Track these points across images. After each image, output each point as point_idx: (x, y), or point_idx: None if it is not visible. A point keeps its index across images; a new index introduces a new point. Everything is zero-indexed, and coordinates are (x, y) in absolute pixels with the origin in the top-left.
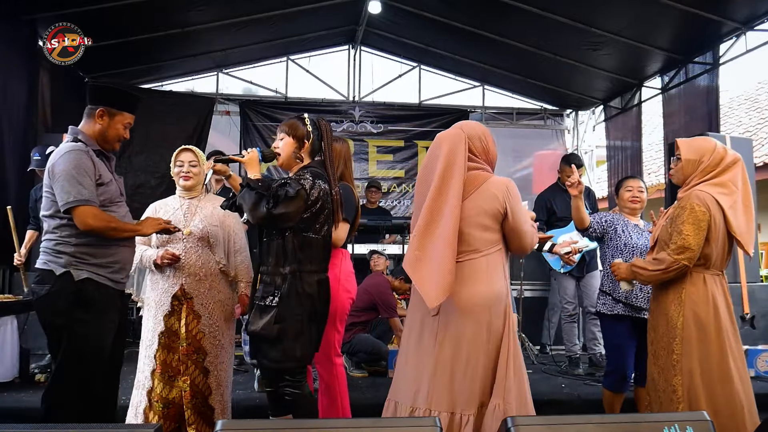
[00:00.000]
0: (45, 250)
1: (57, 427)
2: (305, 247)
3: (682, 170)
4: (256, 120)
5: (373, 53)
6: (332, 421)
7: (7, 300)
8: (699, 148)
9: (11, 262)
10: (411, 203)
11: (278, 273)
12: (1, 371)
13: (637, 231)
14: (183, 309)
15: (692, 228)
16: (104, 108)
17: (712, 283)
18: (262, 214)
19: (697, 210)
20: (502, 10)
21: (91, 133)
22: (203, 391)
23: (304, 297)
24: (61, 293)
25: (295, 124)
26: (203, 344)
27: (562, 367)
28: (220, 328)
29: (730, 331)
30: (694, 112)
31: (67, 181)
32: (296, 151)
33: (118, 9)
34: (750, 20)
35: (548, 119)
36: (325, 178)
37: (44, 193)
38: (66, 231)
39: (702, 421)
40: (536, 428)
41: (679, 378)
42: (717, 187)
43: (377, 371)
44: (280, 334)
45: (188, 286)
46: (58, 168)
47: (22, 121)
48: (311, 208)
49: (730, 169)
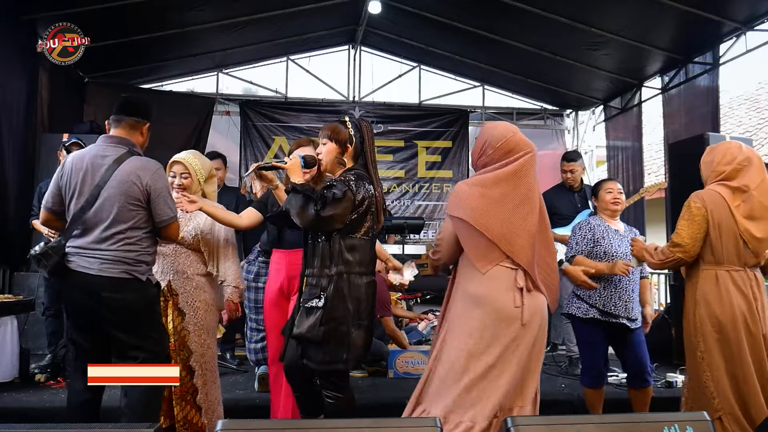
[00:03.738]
0: (123, 260)
1: (57, 427)
2: (352, 249)
3: (702, 173)
4: (256, 120)
5: (373, 53)
6: (332, 422)
7: (7, 300)
8: (714, 150)
9: (11, 262)
10: (411, 203)
11: (324, 275)
12: (1, 371)
13: (617, 237)
14: (169, 305)
15: (686, 223)
16: (150, 123)
17: (726, 279)
18: (311, 217)
19: (692, 207)
20: (502, 10)
21: (138, 145)
22: (189, 389)
23: (350, 299)
24: (147, 297)
25: (337, 128)
26: (188, 343)
27: (562, 367)
28: (204, 328)
29: (751, 325)
30: (694, 112)
31: (169, 198)
32: (339, 156)
33: (117, 9)
34: (750, 20)
35: (548, 119)
36: (370, 180)
37: (128, 206)
38: (146, 242)
39: (702, 421)
40: (536, 428)
41: (708, 374)
42: (727, 188)
43: (377, 371)
44: (325, 337)
45: (174, 283)
46: (159, 184)
47: (21, 121)
48: (358, 209)
49: (743, 168)
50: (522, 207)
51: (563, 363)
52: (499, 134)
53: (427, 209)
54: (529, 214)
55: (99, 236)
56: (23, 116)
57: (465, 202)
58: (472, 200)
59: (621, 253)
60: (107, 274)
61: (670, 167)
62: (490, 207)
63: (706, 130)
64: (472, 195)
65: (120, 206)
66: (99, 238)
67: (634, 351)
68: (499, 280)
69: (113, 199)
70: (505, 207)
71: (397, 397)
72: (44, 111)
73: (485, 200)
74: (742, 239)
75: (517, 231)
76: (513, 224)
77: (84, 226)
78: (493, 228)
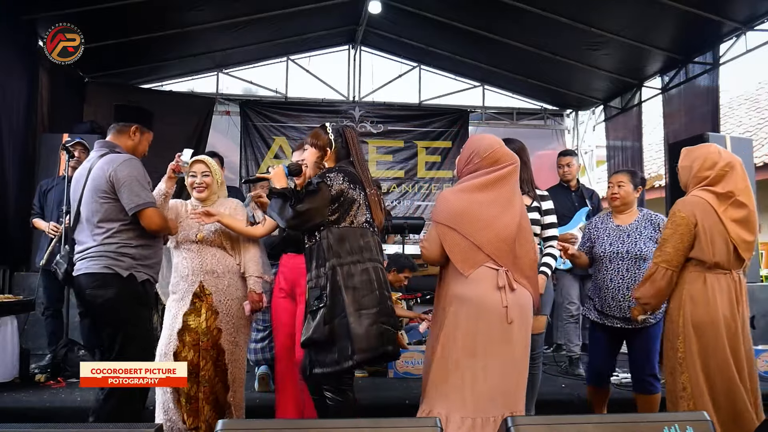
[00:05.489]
0: (105, 254)
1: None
2: (341, 239)
3: (681, 178)
4: (256, 120)
5: (373, 53)
6: (332, 422)
7: (7, 300)
8: (692, 154)
9: (11, 262)
10: (411, 203)
11: (321, 275)
12: (1, 371)
13: (615, 234)
14: (203, 305)
15: (669, 233)
16: (138, 126)
17: (714, 282)
18: (290, 214)
19: (677, 215)
20: (502, 10)
21: (125, 147)
22: (218, 388)
23: (346, 290)
24: (127, 295)
25: (316, 133)
26: (220, 341)
27: (562, 367)
28: (236, 326)
29: (732, 329)
30: (694, 112)
31: (135, 185)
32: (318, 161)
33: (117, 9)
34: (750, 20)
35: (548, 119)
36: (352, 174)
37: (99, 199)
38: (126, 235)
39: (702, 421)
40: (536, 428)
41: (686, 376)
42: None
43: (377, 371)
44: (330, 336)
45: (207, 283)
46: (122, 173)
47: (21, 121)
48: (337, 200)
49: (727, 174)
50: (506, 212)
51: (563, 363)
52: (487, 144)
53: (427, 209)
54: (511, 219)
55: (87, 236)
56: (23, 116)
57: (450, 208)
58: (456, 206)
59: (611, 252)
60: (90, 271)
61: (671, 167)
62: (474, 212)
63: (706, 130)
64: (457, 201)
65: (93, 202)
66: (84, 239)
67: (634, 354)
68: (484, 281)
69: (88, 198)
70: (490, 211)
71: (397, 397)
72: (44, 111)
73: (470, 205)
74: (732, 243)
75: (500, 235)
76: (496, 228)
77: (79, 231)
78: (478, 232)
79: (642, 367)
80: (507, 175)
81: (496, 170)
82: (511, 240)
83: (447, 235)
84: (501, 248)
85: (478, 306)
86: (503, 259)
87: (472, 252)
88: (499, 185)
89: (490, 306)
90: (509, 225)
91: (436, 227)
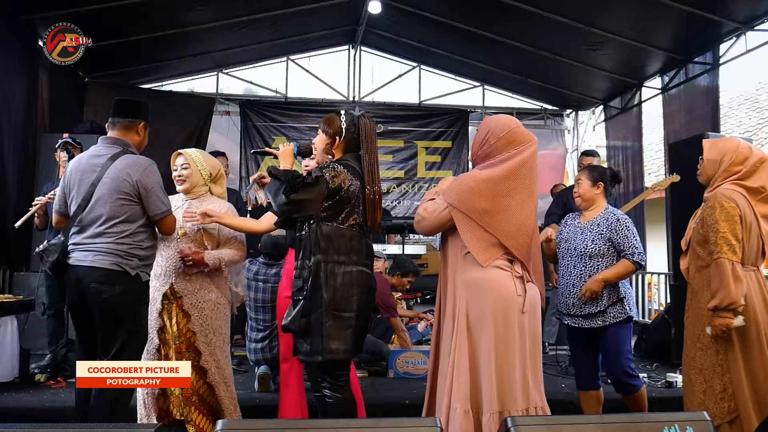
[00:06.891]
0: (115, 251)
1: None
2: (329, 237)
3: (705, 171)
4: (256, 120)
5: (373, 53)
6: (333, 422)
7: (7, 300)
8: (721, 147)
9: (11, 262)
10: (411, 203)
11: (305, 266)
12: (1, 371)
13: (573, 232)
14: (173, 308)
15: (727, 225)
16: (145, 122)
17: (747, 279)
18: (282, 201)
19: (726, 206)
20: (502, 10)
21: (133, 143)
22: (203, 389)
23: (326, 288)
24: (133, 293)
25: (330, 118)
26: (195, 344)
27: (562, 367)
28: (211, 327)
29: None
30: (694, 112)
31: (160, 192)
32: (328, 147)
33: (117, 9)
34: (750, 20)
35: (548, 119)
36: (356, 171)
37: (119, 200)
38: (139, 237)
39: (702, 421)
40: (536, 428)
41: (728, 377)
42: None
43: (377, 371)
44: (305, 327)
45: (177, 286)
46: (148, 180)
47: (22, 120)
48: (334, 197)
49: (758, 169)
50: (527, 203)
51: (563, 363)
52: (503, 124)
53: None
54: (532, 211)
55: (94, 231)
56: (23, 116)
57: (474, 200)
58: (480, 198)
59: (565, 248)
60: (98, 265)
61: (671, 167)
62: (500, 206)
63: (706, 130)
64: (481, 192)
65: (112, 202)
66: (94, 233)
67: (603, 356)
68: (500, 269)
69: (106, 196)
70: (513, 203)
71: (397, 397)
72: (44, 111)
73: (495, 198)
74: (761, 240)
75: (521, 228)
76: (519, 221)
77: (81, 224)
78: (500, 225)
79: (613, 367)
80: (528, 159)
81: (518, 153)
82: (531, 233)
83: (466, 224)
84: (521, 242)
85: (496, 292)
86: (521, 251)
87: (492, 246)
88: (522, 172)
89: (506, 294)
90: (530, 217)
91: (453, 211)
